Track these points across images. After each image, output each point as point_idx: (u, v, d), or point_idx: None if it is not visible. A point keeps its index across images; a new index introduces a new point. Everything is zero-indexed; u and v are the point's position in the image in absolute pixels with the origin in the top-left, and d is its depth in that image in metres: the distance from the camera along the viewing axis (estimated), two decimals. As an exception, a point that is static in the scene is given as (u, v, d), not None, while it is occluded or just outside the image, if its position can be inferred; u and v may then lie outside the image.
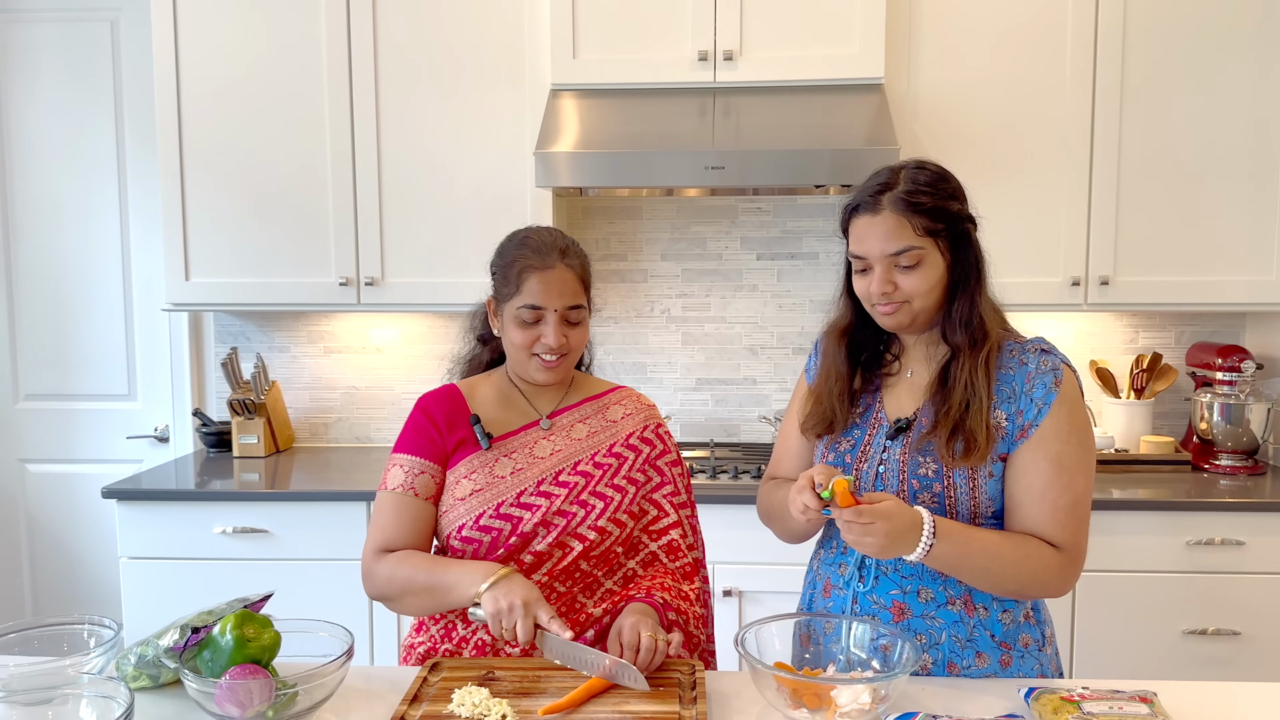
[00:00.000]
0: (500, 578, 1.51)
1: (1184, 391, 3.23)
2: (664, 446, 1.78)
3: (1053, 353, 1.54)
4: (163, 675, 1.50)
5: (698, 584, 1.74)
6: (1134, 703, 1.34)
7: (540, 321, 1.65)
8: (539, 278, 1.64)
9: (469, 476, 1.67)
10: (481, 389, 1.76)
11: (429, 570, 1.59)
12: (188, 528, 2.79)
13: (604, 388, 1.82)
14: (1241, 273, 2.91)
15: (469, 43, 2.93)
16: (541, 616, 1.47)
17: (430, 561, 1.61)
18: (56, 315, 3.42)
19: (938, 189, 1.50)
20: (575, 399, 1.77)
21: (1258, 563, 2.66)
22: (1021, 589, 1.50)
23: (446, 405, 1.73)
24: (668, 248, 3.31)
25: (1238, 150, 2.87)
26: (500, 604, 1.47)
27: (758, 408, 3.33)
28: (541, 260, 1.64)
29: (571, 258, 1.67)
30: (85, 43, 3.33)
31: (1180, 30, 2.84)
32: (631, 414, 1.78)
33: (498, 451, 1.69)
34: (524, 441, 1.71)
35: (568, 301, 1.65)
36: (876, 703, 1.35)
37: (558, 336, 1.64)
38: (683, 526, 1.75)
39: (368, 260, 3.00)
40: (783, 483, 1.69)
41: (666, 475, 1.76)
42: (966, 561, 1.45)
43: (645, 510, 1.74)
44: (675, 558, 1.73)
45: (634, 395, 1.82)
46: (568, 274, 1.65)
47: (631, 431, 1.75)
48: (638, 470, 1.73)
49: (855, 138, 2.72)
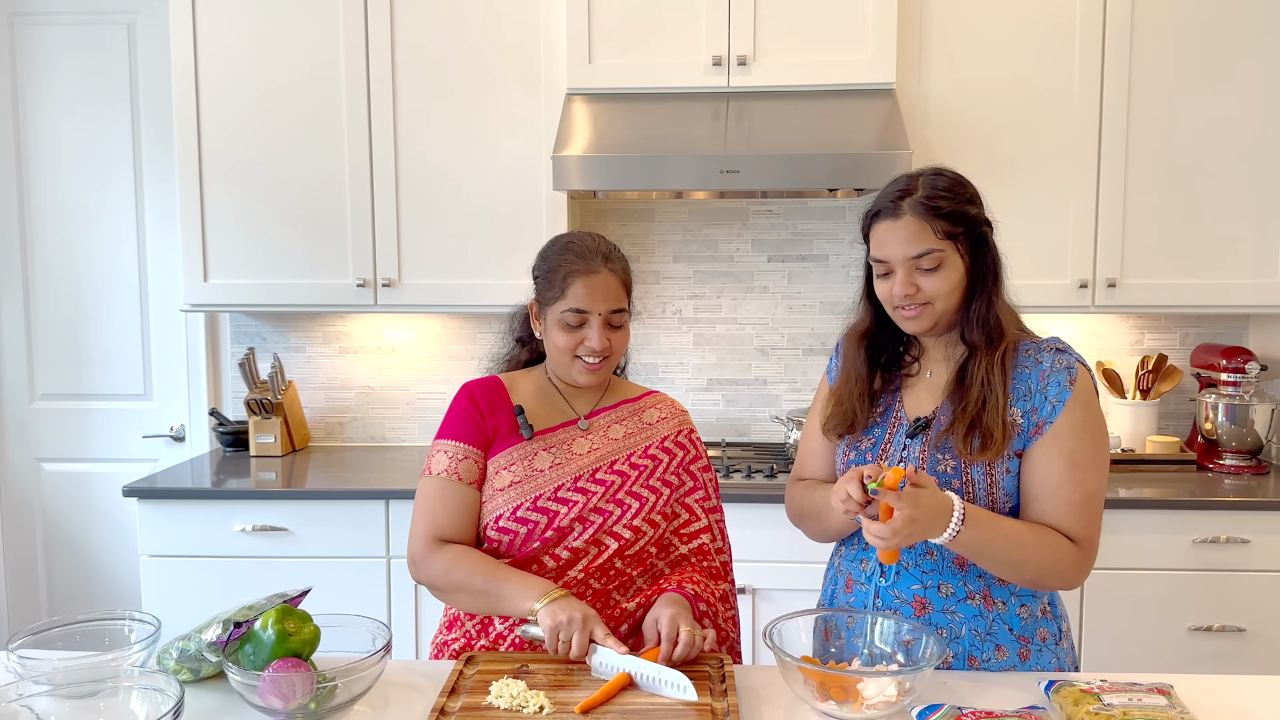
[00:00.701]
0: (558, 596, 1.56)
1: (1189, 392, 3.28)
2: (696, 452, 1.82)
3: (1068, 352, 1.59)
4: (203, 669, 1.53)
5: (725, 586, 1.78)
6: (1152, 695, 1.38)
7: (584, 325, 1.69)
8: (583, 282, 1.67)
9: (509, 468, 1.71)
10: (523, 384, 1.81)
11: (486, 576, 1.62)
12: (208, 526, 2.83)
13: (639, 391, 1.86)
14: (1246, 275, 2.95)
15: (485, 46, 2.97)
16: (598, 633, 1.52)
17: (489, 566, 1.64)
18: (73, 316, 3.46)
19: (955, 194, 1.55)
20: (612, 401, 1.82)
21: (1262, 561, 2.71)
22: (1040, 578, 1.54)
23: (490, 393, 1.77)
24: (680, 250, 3.35)
25: (1243, 154, 2.92)
26: (559, 618, 1.51)
27: (768, 408, 3.37)
28: (586, 265, 1.68)
29: (614, 262, 1.71)
30: (102, 45, 3.36)
31: (1187, 34, 2.89)
32: (666, 418, 1.82)
33: (537, 445, 1.73)
34: (562, 439, 1.75)
35: (611, 305, 1.69)
36: (902, 695, 1.39)
37: (601, 340, 1.68)
38: (712, 531, 1.79)
39: (385, 262, 3.04)
40: (815, 484, 1.74)
41: (698, 480, 1.80)
42: (990, 548, 1.49)
43: (677, 513, 1.78)
44: (704, 560, 1.77)
45: (669, 400, 1.87)
46: (611, 279, 1.69)
47: (666, 435, 1.80)
48: (671, 473, 1.77)
49: (867, 142, 2.76)
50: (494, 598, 1.61)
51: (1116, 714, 1.31)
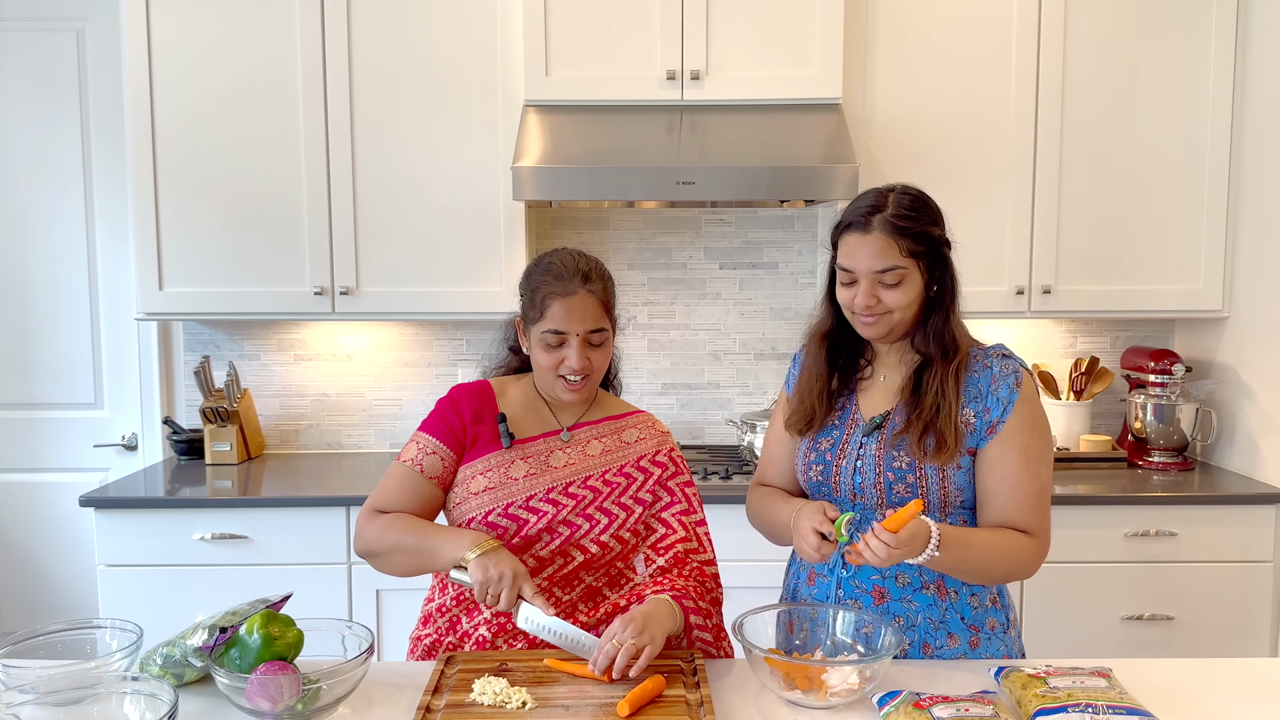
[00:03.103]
0: (490, 549, 1.62)
1: (1119, 393, 3.45)
2: (676, 468, 1.85)
3: (1012, 357, 1.72)
4: (187, 674, 1.56)
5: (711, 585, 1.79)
6: (1093, 677, 1.48)
7: (564, 345, 1.72)
8: (561, 304, 1.71)
9: (484, 474, 1.76)
10: (511, 390, 1.85)
11: (418, 533, 1.69)
12: (166, 535, 2.82)
13: (624, 409, 1.89)
14: (1172, 282, 3.12)
15: (444, 57, 3.01)
16: (526, 590, 1.59)
17: (421, 525, 1.71)
18: (21, 324, 3.42)
19: (921, 215, 1.65)
20: (596, 416, 1.86)
21: (1189, 552, 2.87)
22: (1007, 577, 1.67)
23: (477, 399, 1.81)
24: (634, 257, 3.43)
25: (1168, 167, 3.08)
26: (490, 573, 1.58)
27: (722, 411, 3.46)
28: (564, 287, 1.71)
29: (594, 282, 1.74)
30: (51, 51, 3.33)
31: (1117, 49, 3.04)
32: (645, 438, 1.85)
33: (515, 454, 1.78)
34: (541, 449, 1.80)
35: (589, 326, 1.72)
36: (864, 683, 1.48)
37: (580, 360, 1.72)
38: (691, 538, 1.81)
39: (343, 269, 3.06)
40: (772, 497, 1.84)
41: (677, 495, 1.83)
42: (964, 564, 1.61)
43: (653, 528, 1.81)
44: (682, 568, 1.77)
45: (650, 420, 1.90)
46: (589, 299, 1.72)
47: (643, 455, 1.83)
48: (646, 491, 1.81)
49: (815, 155, 2.86)
50: (427, 553, 1.67)
51: (1062, 695, 1.41)
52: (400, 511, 1.75)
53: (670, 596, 1.67)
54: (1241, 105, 3.05)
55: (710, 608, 1.75)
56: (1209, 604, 2.88)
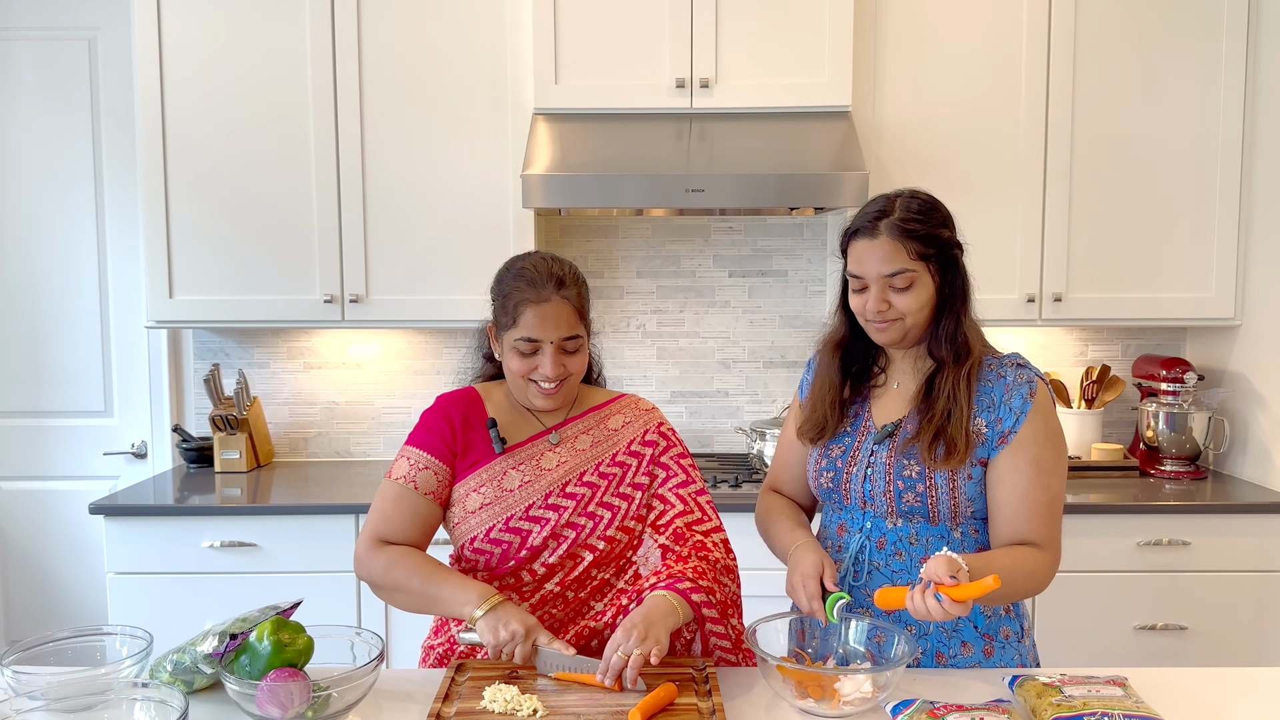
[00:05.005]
0: (495, 605, 1.58)
1: (1131, 401, 3.43)
2: (668, 443, 1.82)
3: (1027, 367, 1.70)
4: (197, 681, 1.56)
5: (717, 554, 1.73)
6: (1109, 686, 1.47)
7: (537, 353, 1.69)
8: (534, 311, 1.66)
9: (479, 490, 1.73)
10: (496, 395, 1.82)
11: (424, 578, 1.65)
12: (176, 542, 2.82)
13: (606, 397, 1.86)
14: (1183, 290, 3.10)
15: (453, 66, 3.02)
16: (541, 640, 1.56)
17: (427, 568, 1.66)
18: (31, 332, 3.43)
19: (929, 217, 1.64)
20: (579, 410, 1.82)
21: (1203, 561, 2.85)
22: (1026, 595, 1.65)
23: (465, 406, 1.78)
24: (643, 265, 3.43)
25: (1179, 174, 3.07)
26: (501, 635, 1.54)
27: (731, 419, 3.46)
28: (536, 293, 1.67)
29: (567, 288, 1.69)
30: (62, 61, 3.35)
31: (1129, 58, 3.04)
32: (631, 421, 1.83)
33: (506, 463, 1.74)
34: (532, 453, 1.76)
35: (563, 333, 1.68)
36: (877, 692, 1.47)
37: (555, 367, 1.68)
38: (690, 508, 1.77)
39: (352, 277, 3.06)
40: (780, 509, 1.85)
41: (673, 469, 1.80)
42: (990, 597, 1.56)
43: (653, 506, 1.78)
44: (683, 541, 1.73)
45: (634, 402, 1.87)
46: (563, 306, 1.68)
47: (632, 439, 1.80)
48: (642, 474, 1.78)
49: (825, 163, 2.86)
50: (431, 599, 1.64)
51: (1077, 704, 1.40)
52: (404, 543, 1.71)
53: (665, 589, 1.62)
54: (1252, 111, 3.05)
55: (715, 583, 1.67)
56: (1223, 614, 2.86)
